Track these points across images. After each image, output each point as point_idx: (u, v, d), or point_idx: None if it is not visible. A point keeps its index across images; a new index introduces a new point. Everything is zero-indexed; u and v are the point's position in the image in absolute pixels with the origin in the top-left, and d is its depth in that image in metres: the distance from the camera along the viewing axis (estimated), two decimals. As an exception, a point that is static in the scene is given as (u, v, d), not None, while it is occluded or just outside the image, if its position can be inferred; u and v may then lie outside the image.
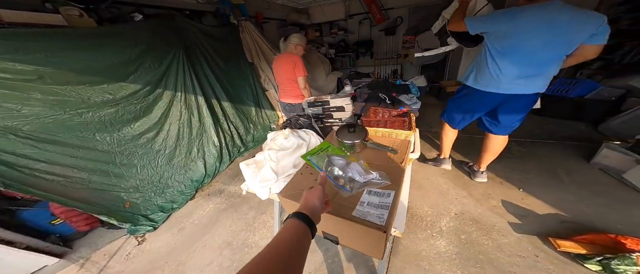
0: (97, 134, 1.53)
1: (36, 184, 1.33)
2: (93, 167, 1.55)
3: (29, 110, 1.26)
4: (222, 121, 2.52)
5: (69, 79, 1.37)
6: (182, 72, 2.03)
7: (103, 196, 1.61)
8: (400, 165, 0.85)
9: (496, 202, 1.55)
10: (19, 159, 1.27)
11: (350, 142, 0.97)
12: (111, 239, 1.71)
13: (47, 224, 1.57)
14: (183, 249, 1.59)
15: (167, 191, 1.94)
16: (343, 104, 1.49)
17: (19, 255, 1.40)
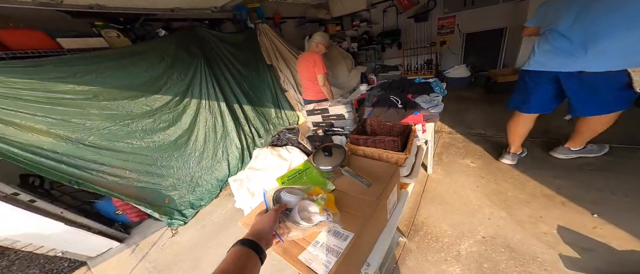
0: (141, 141, 1.84)
1: (99, 182, 1.67)
2: (140, 168, 1.87)
3: (90, 123, 1.59)
4: (244, 123, 2.72)
5: (115, 95, 1.66)
6: (205, 81, 2.25)
7: (148, 193, 1.93)
8: (374, 200, 0.70)
9: (549, 228, 1.23)
10: (87, 163, 1.61)
11: (324, 168, 0.86)
12: (155, 230, 2.04)
13: (113, 214, 1.96)
14: (202, 245, 1.80)
15: (197, 189, 2.21)
16: (343, 112, 1.35)
17: (95, 238, 1.80)
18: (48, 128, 1.42)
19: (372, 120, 1.12)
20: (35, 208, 1.51)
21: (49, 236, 1.57)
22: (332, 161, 0.87)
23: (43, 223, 1.52)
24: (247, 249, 0.41)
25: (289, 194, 0.64)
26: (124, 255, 1.85)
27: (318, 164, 0.87)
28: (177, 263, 1.68)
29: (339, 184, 0.82)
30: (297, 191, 0.67)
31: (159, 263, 1.71)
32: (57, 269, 1.81)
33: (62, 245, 1.66)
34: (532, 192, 1.44)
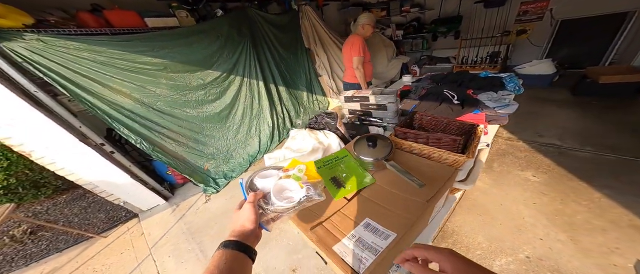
0: (193, 110, 2.40)
1: (159, 143, 2.25)
2: (190, 135, 2.43)
3: (159, 91, 2.15)
4: (277, 104, 3.19)
5: (179, 68, 2.21)
6: (249, 60, 2.75)
7: (192, 157, 2.48)
8: (424, 202, 0.70)
9: (624, 261, 1.18)
10: (153, 124, 2.19)
11: (366, 158, 0.87)
12: (193, 194, 2.59)
13: (165, 173, 2.56)
14: (229, 215, 2.24)
15: (231, 161, 2.74)
16: (385, 102, 1.38)
17: (148, 193, 2.38)
18: (130, 92, 2.00)
19: (423, 114, 1.14)
20: (114, 159, 2.11)
21: (118, 186, 2.16)
22: (376, 152, 0.88)
23: (116, 173, 2.11)
24: (231, 251, 0.43)
25: (261, 179, 0.63)
26: (166, 213, 2.41)
27: (359, 154, 0.89)
28: (206, 227, 2.14)
29: (380, 178, 0.84)
30: (271, 171, 0.67)
31: (193, 225, 2.20)
32: (117, 216, 2.46)
33: (125, 196, 2.26)
34: (615, 221, 1.37)
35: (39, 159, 1.73)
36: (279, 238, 1.85)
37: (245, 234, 0.47)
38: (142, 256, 1.95)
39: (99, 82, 1.82)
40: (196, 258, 1.84)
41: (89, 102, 1.79)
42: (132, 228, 2.29)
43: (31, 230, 2.37)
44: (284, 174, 0.65)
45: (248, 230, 0.48)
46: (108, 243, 2.14)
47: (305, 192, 0.58)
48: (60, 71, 1.64)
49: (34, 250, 2.18)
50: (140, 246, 2.06)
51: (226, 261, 0.41)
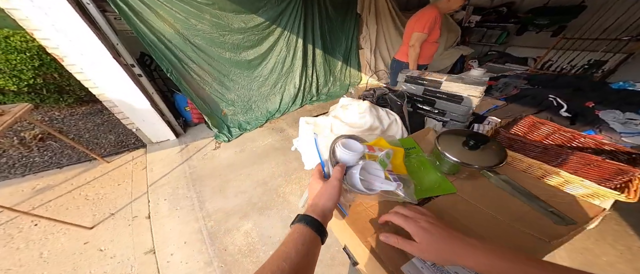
0: (227, 53, 2.54)
1: (187, 77, 2.43)
2: (217, 76, 2.60)
3: (200, 26, 2.28)
4: (309, 66, 3.26)
5: (226, 6, 2.32)
6: (295, 12, 2.78)
7: (213, 99, 2.66)
8: (548, 243, 0.55)
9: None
10: (186, 58, 2.36)
11: (462, 162, 0.70)
12: (205, 137, 2.77)
13: (183, 108, 2.77)
14: (234, 169, 2.36)
15: (249, 113, 2.90)
16: (465, 94, 1.20)
17: (162, 125, 2.58)
18: (174, 21, 2.16)
19: (540, 121, 0.95)
20: (139, 83, 2.31)
21: (136, 110, 2.36)
22: (477, 157, 0.71)
23: (138, 97, 2.29)
24: (311, 232, 0.43)
25: (345, 150, 0.58)
26: (174, 151, 2.60)
27: (446, 151, 0.73)
28: (209, 177, 2.25)
29: (464, 189, 0.71)
30: (355, 144, 0.62)
31: (196, 171, 2.33)
32: (126, 142, 2.69)
33: (140, 122, 2.47)
34: None
35: (70, 66, 1.92)
36: (281, 207, 1.90)
37: (326, 214, 0.47)
38: (137, 192, 2.07)
39: (148, 6, 1.98)
40: (191, 207, 1.92)
41: (135, 23, 1.96)
42: (136, 158, 2.48)
43: (41, 137, 2.65)
44: (368, 152, 0.62)
45: (329, 210, 0.48)
46: (109, 170, 2.32)
47: (395, 188, 0.56)
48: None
49: (37, 160, 2.41)
50: (139, 181, 2.20)
51: (304, 243, 0.41)
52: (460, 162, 0.70)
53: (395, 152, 0.66)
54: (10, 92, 2.71)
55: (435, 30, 1.97)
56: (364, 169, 0.58)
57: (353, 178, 0.56)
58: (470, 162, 0.69)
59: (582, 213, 0.62)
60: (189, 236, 1.69)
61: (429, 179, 0.73)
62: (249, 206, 1.89)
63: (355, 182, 0.55)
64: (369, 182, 0.57)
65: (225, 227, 1.74)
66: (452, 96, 1.24)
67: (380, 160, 0.60)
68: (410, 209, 0.50)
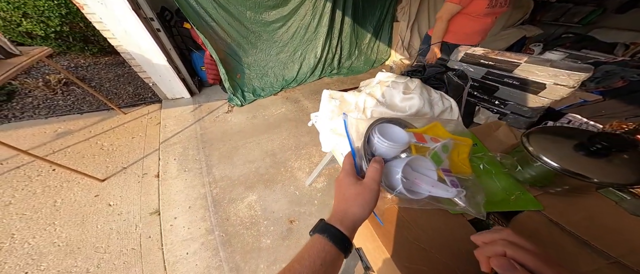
0: (247, 12, 2.32)
1: (207, 32, 2.26)
2: (235, 36, 2.41)
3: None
4: (335, 36, 2.95)
5: None
6: None
7: (230, 61, 2.51)
8: None
9: None
10: (205, 15, 2.18)
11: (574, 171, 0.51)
12: (218, 99, 2.68)
13: (199, 68, 2.66)
14: (244, 136, 2.27)
15: (264, 79, 2.74)
16: (550, 81, 0.98)
17: (177, 83, 2.50)
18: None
19: None
20: (158, 37, 2.19)
21: (153, 65, 2.28)
22: (603, 168, 0.50)
23: (156, 52, 2.19)
24: (336, 251, 0.34)
25: (384, 140, 0.45)
26: (187, 110, 2.54)
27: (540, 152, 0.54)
28: (219, 141, 2.20)
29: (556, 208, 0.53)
30: (399, 131, 0.48)
31: (206, 133, 2.28)
32: (143, 95, 2.66)
33: (156, 78, 2.40)
34: None
35: (90, 14, 1.84)
36: (287, 182, 1.83)
37: (356, 225, 0.38)
38: (150, 149, 2.09)
39: None
40: (199, 171, 1.91)
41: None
42: (152, 113, 2.48)
43: (66, 81, 2.68)
44: (416, 143, 0.47)
45: (361, 220, 0.38)
46: (125, 121, 2.34)
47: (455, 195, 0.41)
48: None
49: (61, 103, 2.47)
50: (152, 136, 2.21)
51: (324, 263, 0.33)
52: (572, 172, 0.48)
53: (458, 145, 0.49)
54: (38, 37, 2.74)
55: (477, 2, 1.49)
56: (409, 166, 0.44)
57: (392, 178, 0.43)
58: (589, 174, 0.47)
59: None
60: (194, 201, 1.68)
61: (498, 188, 0.53)
62: (255, 177, 1.84)
63: (395, 182, 0.42)
64: (414, 183, 0.43)
65: (230, 196, 1.71)
66: (527, 83, 0.99)
67: (434, 154, 0.45)
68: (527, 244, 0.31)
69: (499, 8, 1.50)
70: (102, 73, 3.01)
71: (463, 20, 1.59)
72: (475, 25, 1.59)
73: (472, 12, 1.52)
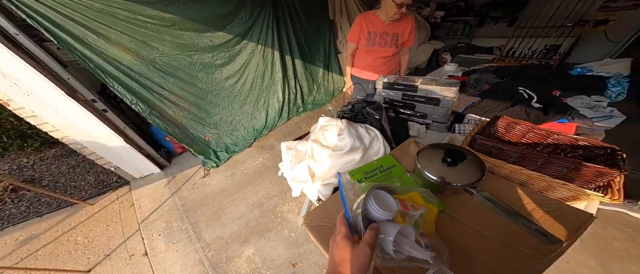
0: (199, 73, 2.34)
1: (158, 106, 2.21)
2: (193, 100, 2.40)
3: (163, 49, 2.08)
4: (291, 78, 3.13)
5: (188, 26, 2.12)
6: (266, 26, 2.64)
7: (193, 126, 2.47)
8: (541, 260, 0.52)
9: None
10: (153, 85, 2.14)
11: (438, 180, 0.66)
12: (191, 165, 2.61)
13: (162, 139, 2.56)
14: (227, 195, 2.24)
15: (234, 134, 2.73)
16: (442, 95, 1.16)
17: (142, 160, 2.38)
18: (130, 45, 1.93)
19: (513, 121, 0.93)
20: (106, 119, 2.08)
21: (109, 148, 2.15)
22: (457, 175, 0.66)
23: (108, 134, 2.08)
24: None
25: (378, 210, 0.50)
26: (160, 184, 2.43)
27: (425, 170, 0.69)
28: (202, 206, 2.14)
29: (452, 206, 0.67)
30: (391, 200, 0.54)
31: (187, 202, 2.21)
32: (108, 181, 2.50)
33: (117, 160, 2.26)
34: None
35: (19, 110, 1.69)
36: (280, 228, 1.85)
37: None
38: (130, 231, 1.97)
39: (94, 31, 1.74)
40: (188, 239, 1.85)
41: (80, 52, 1.72)
42: (122, 197, 2.32)
43: (13, 188, 2.41)
44: (401, 211, 0.54)
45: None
46: (94, 212, 2.17)
47: (428, 258, 0.48)
48: (48, 14, 1.54)
49: (13, 211, 2.21)
50: (129, 218, 2.08)
51: None
52: (441, 182, 0.66)
53: (430, 210, 0.59)
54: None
55: (362, 40, 1.71)
56: (400, 233, 0.50)
57: (386, 243, 0.48)
58: (450, 181, 0.65)
59: (571, 222, 0.58)
60: (191, 269, 1.64)
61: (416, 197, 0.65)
62: (247, 230, 1.83)
63: (385, 245, 0.48)
64: (400, 245, 0.49)
65: (226, 255, 1.70)
66: (429, 99, 1.21)
67: (415, 222, 0.54)
68: None
69: (378, 47, 1.69)
70: (52, 168, 2.73)
71: (359, 55, 1.85)
72: (368, 58, 1.81)
73: (361, 48, 1.77)
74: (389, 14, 1.52)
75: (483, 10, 3.94)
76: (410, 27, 1.64)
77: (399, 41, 1.66)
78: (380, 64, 1.81)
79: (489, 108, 1.34)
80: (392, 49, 1.69)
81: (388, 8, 1.49)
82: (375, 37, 1.66)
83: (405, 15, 1.58)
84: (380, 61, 1.80)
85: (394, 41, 1.65)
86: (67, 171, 2.69)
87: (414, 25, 1.66)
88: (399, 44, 1.68)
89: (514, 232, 0.58)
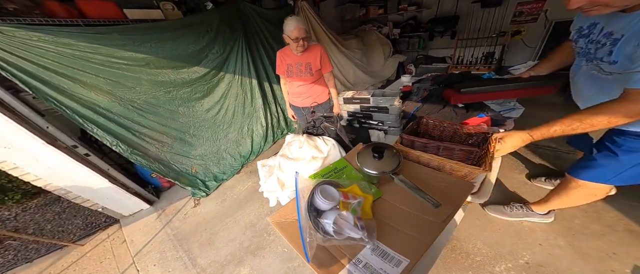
0: (179, 108, 2.21)
1: (140, 145, 2.05)
2: (176, 135, 2.25)
3: (140, 88, 1.95)
4: (271, 102, 3.03)
5: (163, 64, 2.01)
6: (241, 57, 2.57)
7: (179, 159, 2.30)
8: (440, 223, 0.63)
9: (621, 266, 1.19)
10: (134, 124, 1.99)
11: (370, 171, 0.79)
12: (181, 197, 2.43)
13: (149, 176, 2.37)
14: (219, 220, 2.10)
15: (221, 162, 2.57)
16: (387, 105, 1.31)
17: (130, 198, 2.19)
18: (106, 88, 1.80)
19: (431, 119, 1.06)
20: (89, 162, 1.92)
21: (95, 190, 1.97)
22: (382, 165, 0.79)
23: (92, 177, 1.91)
24: None
25: (324, 200, 0.62)
26: (151, 219, 2.24)
27: (363, 166, 0.81)
28: (194, 234, 1.99)
29: (387, 193, 0.77)
30: (334, 191, 0.65)
31: (180, 232, 2.05)
32: (96, 222, 2.28)
33: (104, 201, 2.07)
34: (611, 225, 1.37)
35: (0, 163, 1.54)
36: (273, 244, 1.74)
37: None
38: (124, 265, 1.80)
39: (69, 77, 1.61)
40: (184, 266, 1.71)
41: (56, 99, 1.58)
42: (112, 235, 2.12)
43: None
44: (343, 200, 0.64)
45: None
46: (86, 252, 1.96)
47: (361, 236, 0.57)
48: (20, 64, 1.42)
49: (0, 261, 1.97)
50: (122, 254, 1.90)
51: None
52: (373, 173, 0.79)
53: (366, 200, 0.70)
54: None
55: (284, 72, 1.76)
56: (338, 217, 0.60)
57: (326, 226, 0.59)
58: (378, 170, 0.79)
59: (459, 190, 0.73)
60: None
61: (361, 190, 0.77)
62: (242, 251, 1.71)
63: (329, 230, 0.58)
64: (340, 227, 0.59)
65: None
66: (380, 108, 1.34)
67: (353, 209, 0.63)
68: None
69: (296, 77, 1.74)
70: (36, 217, 2.46)
71: (287, 85, 1.90)
72: (292, 87, 1.85)
73: (287, 78, 1.83)
74: (292, 47, 1.60)
75: (429, 26, 4.18)
76: (320, 56, 1.68)
77: (312, 69, 1.68)
78: (303, 91, 1.84)
79: (428, 111, 1.45)
80: (308, 76, 1.72)
81: (290, 44, 1.57)
82: (292, 68, 1.72)
83: (313, 46, 1.68)
84: (303, 89, 1.83)
85: (308, 70, 1.69)
86: (53, 218, 2.43)
87: (324, 53, 1.70)
88: (313, 71, 1.70)
89: (420, 204, 0.71)
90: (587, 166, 1.00)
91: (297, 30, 1.47)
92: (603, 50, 0.73)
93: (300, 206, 0.63)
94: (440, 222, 0.64)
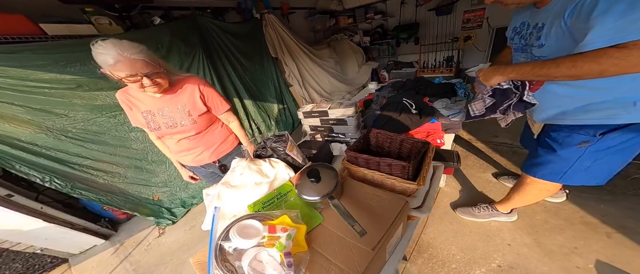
0: (130, 134, 1.73)
1: (82, 178, 1.58)
2: (128, 163, 1.76)
3: (74, 114, 1.49)
4: (243, 119, 2.60)
5: (102, 85, 1.55)
6: (203, 73, 2.12)
7: (136, 189, 1.83)
8: (369, 251, 0.53)
9: (585, 262, 1.09)
10: (70, 157, 1.52)
11: (308, 198, 0.65)
12: (143, 228, 1.97)
13: (100, 209, 1.88)
14: (187, 248, 1.71)
15: (190, 187, 2.10)
16: (344, 117, 1.17)
17: (78, 235, 1.73)
18: (27, 117, 1.34)
19: (378, 132, 0.90)
20: (12, 203, 1.45)
21: (27, 232, 1.51)
22: (320, 188, 0.66)
23: (19, 219, 1.45)
24: None
25: (240, 237, 0.50)
26: (107, 254, 1.79)
27: (301, 192, 0.67)
28: (158, 266, 1.61)
29: (329, 218, 0.63)
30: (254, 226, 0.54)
31: (141, 265, 1.65)
32: (40, 264, 1.77)
33: (41, 242, 1.60)
34: (568, 218, 1.28)
35: None
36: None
37: None
38: None
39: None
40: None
41: None
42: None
43: None
44: (268, 236, 0.53)
45: None
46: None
47: None
48: None
49: None
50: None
51: None
52: (310, 199, 0.65)
53: (299, 229, 0.55)
54: None
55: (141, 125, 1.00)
56: (256, 259, 0.49)
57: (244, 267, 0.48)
58: (316, 194, 0.64)
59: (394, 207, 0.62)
60: None
61: (305, 216, 0.64)
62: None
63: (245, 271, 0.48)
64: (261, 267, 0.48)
65: None
66: (339, 120, 1.19)
67: (279, 244, 0.50)
68: None
69: (169, 130, 0.99)
70: None
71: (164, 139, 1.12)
72: (171, 143, 1.10)
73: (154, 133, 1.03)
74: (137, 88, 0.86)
75: (394, 33, 4.01)
76: (201, 94, 0.98)
77: (193, 114, 0.98)
78: (191, 146, 1.09)
79: (386, 119, 1.30)
80: (188, 127, 1.00)
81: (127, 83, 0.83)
82: (155, 118, 0.97)
83: (183, 79, 0.97)
84: (188, 143, 1.08)
85: (185, 117, 0.98)
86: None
87: (207, 87, 1.01)
88: (195, 118, 0.99)
89: (351, 232, 0.57)
90: (535, 163, 0.97)
91: (123, 63, 0.74)
92: (532, 38, 0.77)
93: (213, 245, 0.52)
94: (369, 250, 0.53)
